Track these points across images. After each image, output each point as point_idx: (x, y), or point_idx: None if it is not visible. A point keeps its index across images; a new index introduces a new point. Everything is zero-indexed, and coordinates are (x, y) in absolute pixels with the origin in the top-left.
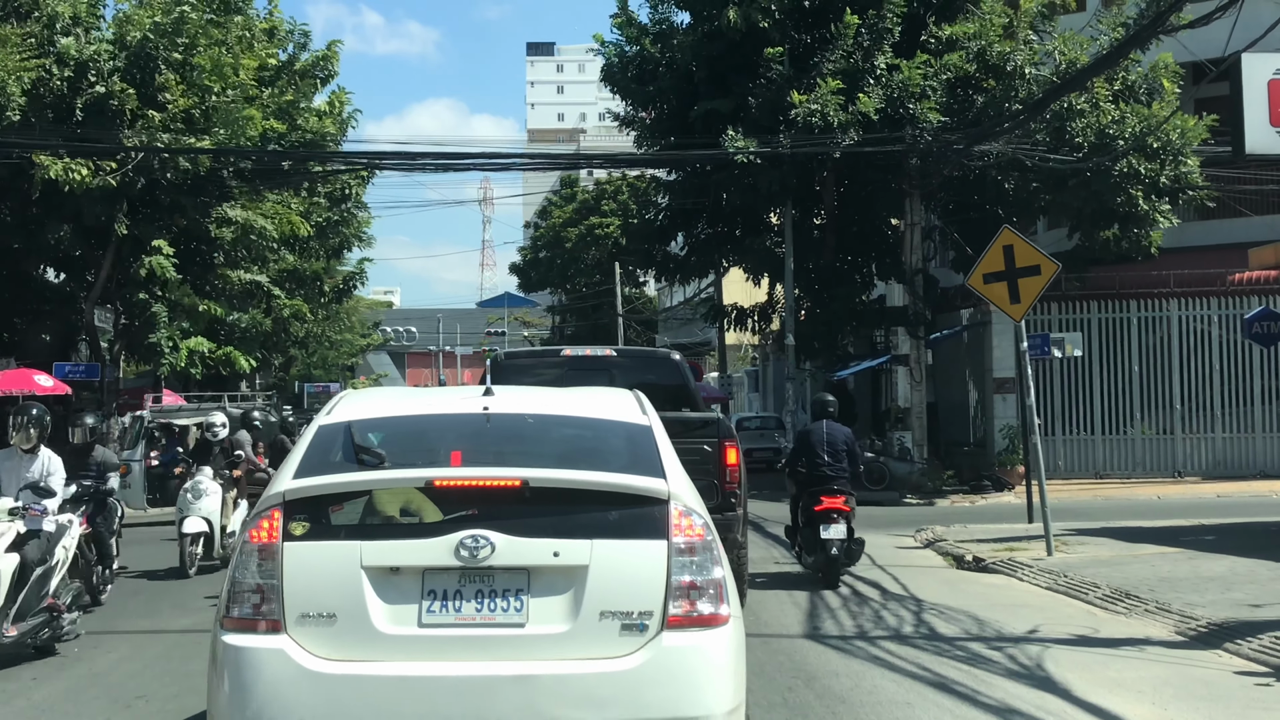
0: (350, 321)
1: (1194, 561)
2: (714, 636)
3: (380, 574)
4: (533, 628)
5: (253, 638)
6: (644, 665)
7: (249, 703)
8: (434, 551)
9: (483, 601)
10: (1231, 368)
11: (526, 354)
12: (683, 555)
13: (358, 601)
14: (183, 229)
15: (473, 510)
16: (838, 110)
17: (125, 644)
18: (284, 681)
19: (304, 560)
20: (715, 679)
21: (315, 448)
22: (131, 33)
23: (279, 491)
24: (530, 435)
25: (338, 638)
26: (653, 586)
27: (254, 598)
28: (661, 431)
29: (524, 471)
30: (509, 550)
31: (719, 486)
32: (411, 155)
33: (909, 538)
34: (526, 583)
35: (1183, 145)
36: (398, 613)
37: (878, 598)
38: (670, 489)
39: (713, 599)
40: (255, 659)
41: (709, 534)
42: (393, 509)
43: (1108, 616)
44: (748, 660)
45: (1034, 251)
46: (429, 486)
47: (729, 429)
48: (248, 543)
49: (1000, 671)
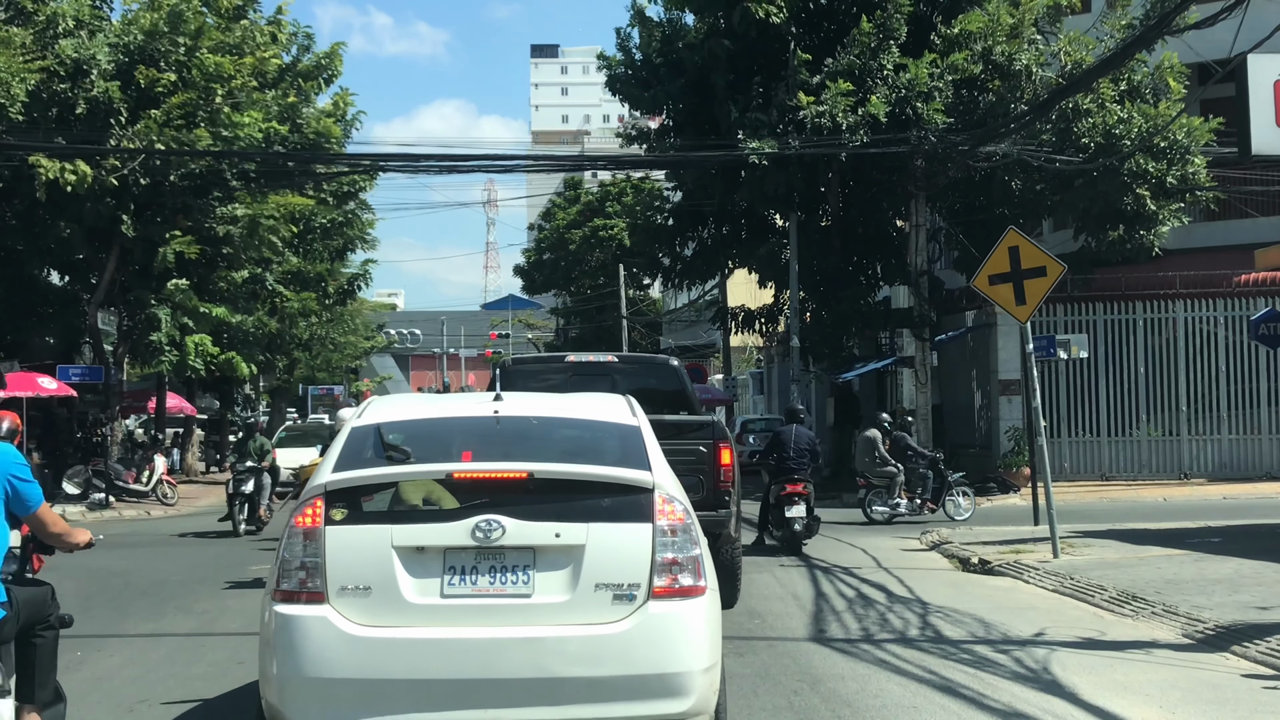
0: (354, 324)
1: (1200, 564)
2: (693, 605)
3: (408, 553)
4: (538, 598)
5: (299, 607)
6: (633, 629)
7: (297, 663)
8: (453, 533)
9: (495, 575)
10: (1237, 369)
11: (533, 360)
12: (666, 536)
13: (389, 576)
14: (188, 229)
15: (486, 498)
16: (846, 113)
17: (128, 647)
18: (327, 644)
19: (343, 541)
20: (694, 641)
21: (350, 446)
22: (133, 33)
23: (321, 483)
24: (534, 434)
25: (372, 607)
26: (640, 562)
27: (300, 574)
28: (649, 431)
29: (529, 465)
30: (517, 532)
31: (713, 485)
32: (416, 157)
33: (914, 540)
34: (532, 560)
35: (1190, 145)
36: (423, 585)
37: (883, 600)
38: (655, 480)
39: (692, 573)
40: (302, 625)
41: (689, 518)
42: (417, 498)
43: (1114, 619)
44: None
45: (1040, 253)
46: (448, 478)
47: (724, 431)
48: (294, 527)
49: (1006, 674)
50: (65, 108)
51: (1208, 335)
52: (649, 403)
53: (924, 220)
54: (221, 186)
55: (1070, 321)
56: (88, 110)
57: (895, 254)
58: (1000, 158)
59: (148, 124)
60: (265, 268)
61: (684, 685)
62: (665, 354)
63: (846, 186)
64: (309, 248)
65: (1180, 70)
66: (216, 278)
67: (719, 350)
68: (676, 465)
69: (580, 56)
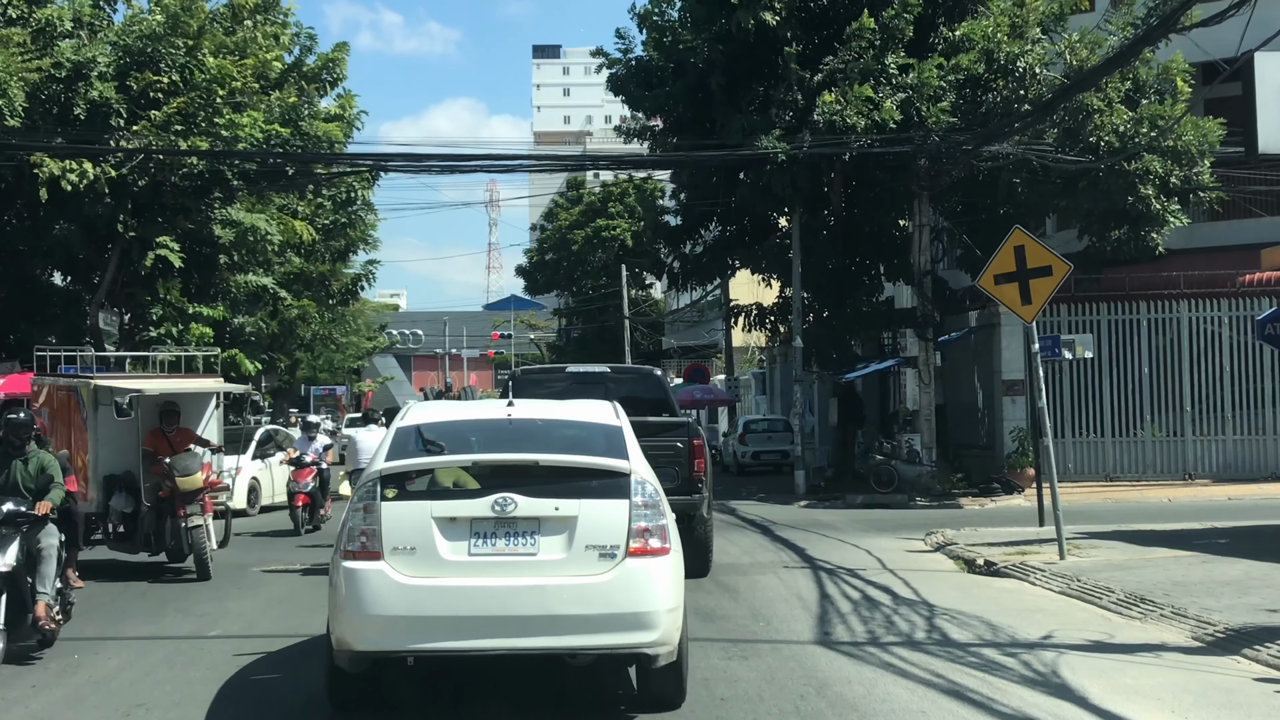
0: (356, 324)
1: (1208, 565)
2: (660, 561)
3: (444, 522)
4: (542, 556)
5: (361, 563)
6: (614, 579)
7: (360, 604)
8: (478, 507)
9: (509, 539)
10: (1242, 369)
11: (539, 370)
12: (639, 509)
13: (429, 539)
14: (187, 231)
15: (502, 481)
16: (858, 115)
17: (127, 650)
18: (383, 590)
19: (394, 513)
20: (661, 588)
21: (397, 441)
22: (133, 35)
23: (377, 470)
24: (539, 432)
25: (416, 563)
26: (619, 529)
27: (362, 538)
28: (629, 430)
29: (535, 455)
30: (526, 506)
31: (688, 474)
32: (418, 157)
33: (919, 541)
34: (538, 527)
35: (1199, 145)
36: (455, 547)
37: (889, 602)
38: (631, 467)
39: (660, 537)
40: (364, 576)
41: (658, 496)
42: (449, 480)
43: (1123, 621)
44: (759, 668)
45: (1046, 252)
46: (474, 465)
47: (697, 430)
48: (356, 502)
49: (1015, 678)
50: (64, 109)
51: (1212, 335)
52: (636, 406)
53: (927, 220)
54: (222, 187)
55: (1074, 322)
56: (87, 112)
57: (898, 254)
58: (1005, 157)
59: (146, 126)
60: (267, 270)
61: (653, 621)
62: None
63: (849, 186)
64: (310, 249)
65: (1186, 70)
66: (218, 280)
67: (721, 350)
68: (657, 459)
69: (582, 57)
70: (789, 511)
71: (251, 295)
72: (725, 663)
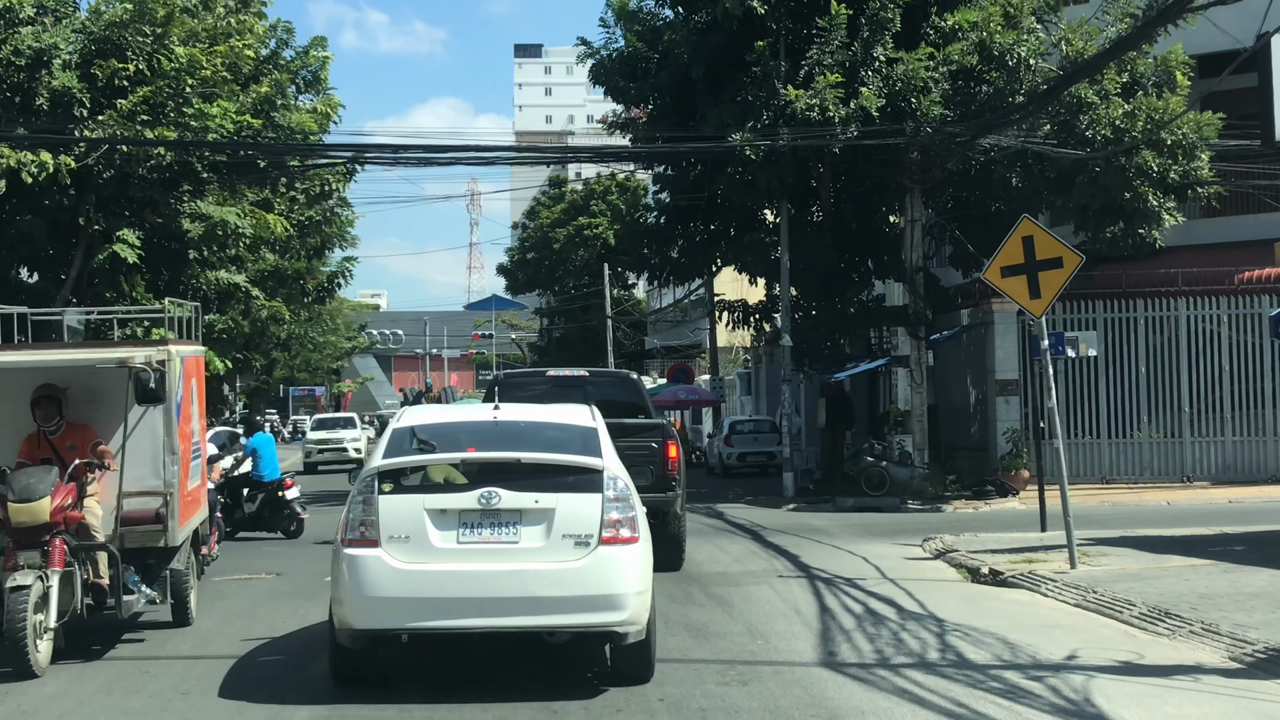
0: (335, 323)
1: (1230, 575)
2: (630, 549)
3: (435, 513)
4: (523, 544)
5: (361, 550)
6: (588, 565)
7: (360, 587)
8: (466, 500)
9: (494, 529)
10: (1242, 369)
11: (521, 374)
12: (611, 502)
13: (422, 529)
14: (155, 225)
15: (488, 476)
16: (837, 105)
17: (62, 674)
18: (380, 574)
19: (391, 505)
20: (630, 573)
21: (393, 440)
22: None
23: (375, 466)
24: (522, 433)
25: (410, 550)
26: (593, 520)
27: (362, 528)
28: (604, 431)
29: (518, 454)
30: (509, 499)
31: (662, 473)
32: (394, 148)
33: (916, 547)
34: (520, 518)
35: (1199, 140)
36: (445, 536)
37: (894, 617)
38: (604, 464)
39: (629, 528)
40: (363, 562)
41: (628, 490)
42: (440, 476)
43: (1149, 639)
44: (760, 695)
45: (1056, 243)
46: (462, 462)
47: (671, 430)
48: (356, 495)
49: (1045, 707)
50: (26, 98)
51: (1211, 334)
52: (613, 408)
53: (919, 215)
54: (192, 180)
55: (1070, 319)
56: (50, 101)
57: (889, 250)
58: (1000, 150)
59: (111, 116)
60: (239, 267)
61: (623, 602)
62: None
63: (839, 181)
64: (285, 245)
65: (1186, 62)
66: (187, 276)
67: (705, 350)
68: (632, 458)
69: (564, 56)
70: (778, 515)
71: (223, 293)
72: (723, 689)
